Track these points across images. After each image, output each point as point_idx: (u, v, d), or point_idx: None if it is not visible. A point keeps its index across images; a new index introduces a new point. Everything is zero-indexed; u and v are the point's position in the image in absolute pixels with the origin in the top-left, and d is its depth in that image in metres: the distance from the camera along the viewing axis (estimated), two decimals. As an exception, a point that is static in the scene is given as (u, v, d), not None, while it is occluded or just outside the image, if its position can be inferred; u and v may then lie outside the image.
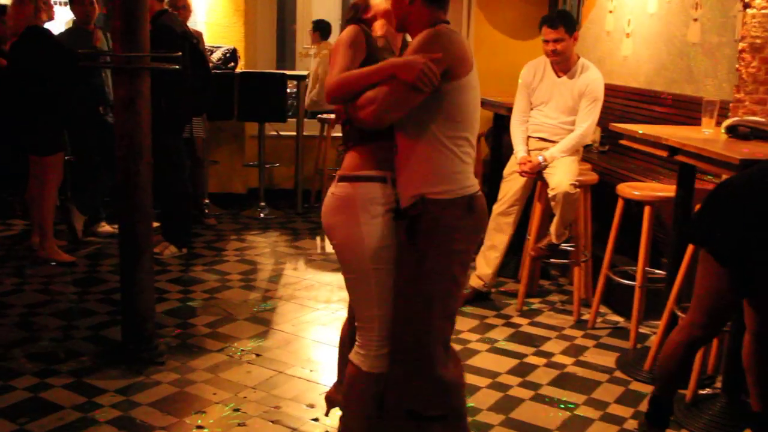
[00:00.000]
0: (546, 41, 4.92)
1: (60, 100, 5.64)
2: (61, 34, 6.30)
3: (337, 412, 3.31)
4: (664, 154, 3.99)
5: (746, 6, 4.83)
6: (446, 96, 2.73)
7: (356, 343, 2.93)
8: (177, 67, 4.39)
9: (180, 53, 4.81)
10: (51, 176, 5.72)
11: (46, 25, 5.69)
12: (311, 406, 3.78)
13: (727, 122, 4.02)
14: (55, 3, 6.05)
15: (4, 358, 4.19)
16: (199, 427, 3.55)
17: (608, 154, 6.16)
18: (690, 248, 4.00)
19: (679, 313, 4.21)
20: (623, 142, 4.36)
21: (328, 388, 3.83)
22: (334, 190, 2.88)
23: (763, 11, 4.71)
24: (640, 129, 4.19)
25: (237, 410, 3.71)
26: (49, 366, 4.10)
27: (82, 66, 5.57)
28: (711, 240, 3.14)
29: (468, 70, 2.76)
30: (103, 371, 4.05)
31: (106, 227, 6.59)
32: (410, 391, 2.82)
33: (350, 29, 2.86)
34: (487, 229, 4.93)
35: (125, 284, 4.21)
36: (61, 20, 7.06)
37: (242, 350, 4.40)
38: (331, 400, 3.56)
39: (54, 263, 5.75)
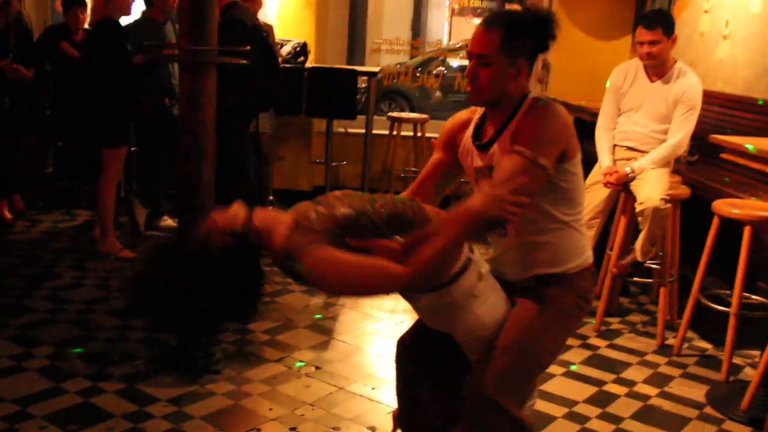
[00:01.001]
0: (641, 43, 4.62)
1: (126, 92, 5.52)
2: (130, 25, 6.19)
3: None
4: (774, 171, 3.68)
5: None
6: (563, 177, 2.50)
7: None
8: (245, 62, 4.21)
9: (249, 47, 4.62)
10: (112, 170, 5.62)
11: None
12: (372, 429, 3.57)
13: None
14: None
15: (58, 358, 4.08)
16: (253, 446, 3.37)
17: (697, 165, 5.81)
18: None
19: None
20: (726, 156, 4.05)
21: (391, 408, 3.65)
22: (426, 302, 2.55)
23: None
24: (748, 143, 3.87)
25: (293, 429, 3.51)
26: (102, 369, 3.98)
27: (147, 59, 5.44)
28: None
29: (578, 147, 2.54)
30: (156, 378, 3.91)
31: (168, 221, 6.47)
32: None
33: None
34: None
35: (183, 288, 4.04)
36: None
37: (302, 362, 4.21)
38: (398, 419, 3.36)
39: (113, 257, 5.65)
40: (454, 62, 11.54)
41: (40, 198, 6.95)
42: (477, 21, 16.16)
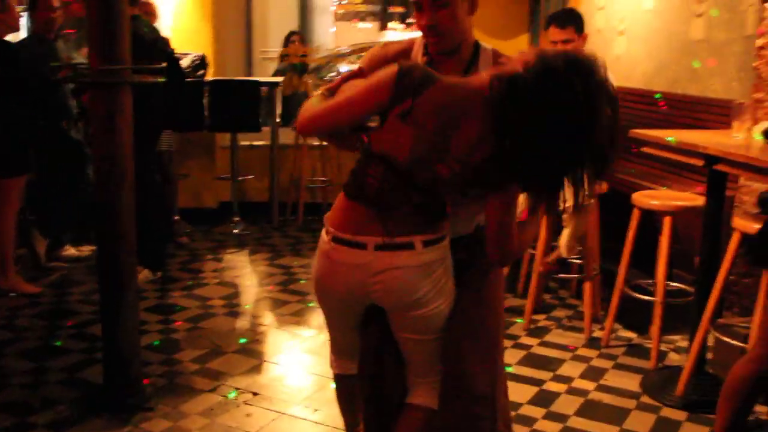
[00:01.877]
0: (554, 42, 4.63)
1: (24, 119, 5.20)
2: (19, 43, 5.84)
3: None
4: (699, 162, 3.73)
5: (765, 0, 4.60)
6: None
7: (420, 391, 2.66)
8: (162, 79, 4.01)
9: (165, 64, 4.42)
10: (11, 200, 5.29)
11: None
12: (323, 453, 3.44)
13: (762, 126, 3.78)
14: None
15: (-31, 412, 3.78)
16: (203, 485, 3.19)
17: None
18: (726, 263, 3.78)
19: (717, 334, 4.01)
20: (647, 149, 4.09)
21: (332, 429, 3.55)
22: (422, 257, 2.39)
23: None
24: (670, 136, 3.92)
25: (242, 463, 3.35)
26: (22, 419, 3.66)
27: (54, 80, 5.15)
28: None
29: None
30: (85, 423, 3.64)
31: (70, 250, 6.19)
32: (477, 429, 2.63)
33: None
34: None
35: (107, 322, 3.81)
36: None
37: (237, 389, 4.03)
38: None
39: (14, 294, 5.30)
40: (344, 67, 11.47)
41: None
42: (361, 25, 16.23)
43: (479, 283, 2.60)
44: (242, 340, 4.69)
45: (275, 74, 7.20)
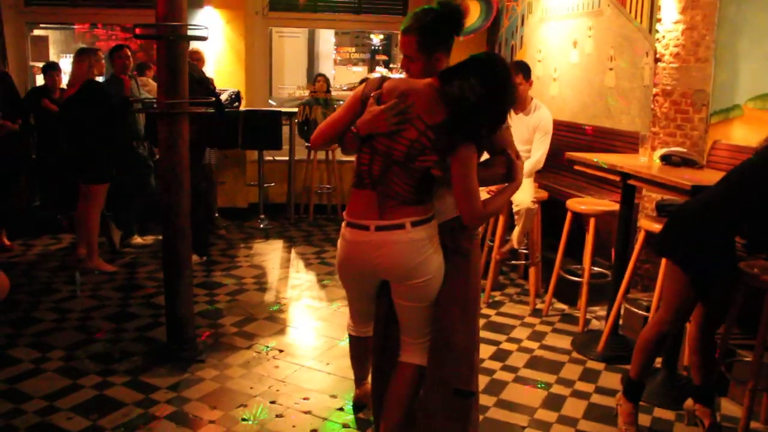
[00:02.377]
0: (507, 85, 4.66)
1: (110, 140, 5.17)
2: (103, 83, 5.82)
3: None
4: (616, 178, 3.77)
5: (657, 60, 4.65)
6: None
7: (410, 350, 2.66)
8: (213, 110, 3.99)
9: (213, 99, 4.39)
10: (98, 201, 5.26)
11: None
12: (334, 396, 3.44)
13: (660, 152, 3.83)
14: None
15: (71, 359, 3.76)
16: (245, 419, 3.18)
17: (544, 174, 5.94)
18: (635, 253, 3.82)
19: (627, 306, 4.04)
20: (578, 167, 4.12)
21: (342, 379, 3.55)
22: (412, 235, 2.43)
23: (671, 65, 4.54)
24: (595, 157, 3.95)
25: (273, 402, 3.35)
26: (108, 366, 3.69)
27: (131, 111, 5.13)
28: (676, 253, 2.92)
29: None
30: (153, 370, 3.66)
31: (138, 239, 6.15)
32: (459, 376, 2.59)
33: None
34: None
35: (169, 295, 3.80)
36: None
37: (267, 347, 4.03)
38: (361, 401, 3.26)
39: (98, 272, 5.28)
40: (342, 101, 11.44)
41: (28, 227, 6.41)
42: (355, 69, 16.18)
43: (462, 263, 2.58)
44: (272, 308, 4.69)
45: (304, 105, 7.14)
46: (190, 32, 3.56)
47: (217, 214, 6.91)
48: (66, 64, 7.74)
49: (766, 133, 4.03)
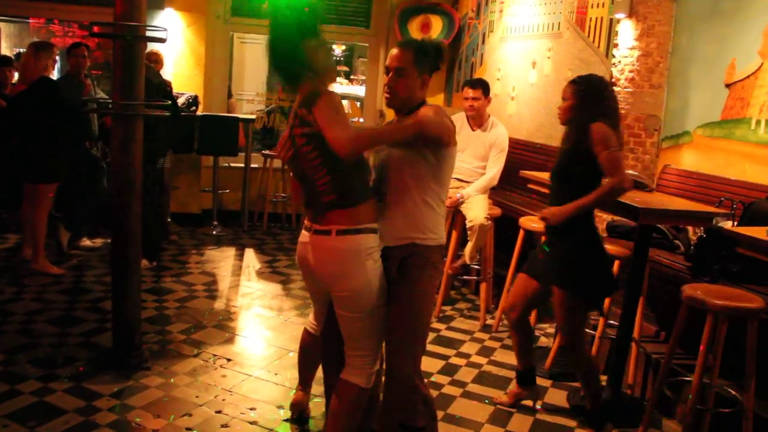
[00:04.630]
0: (466, 98, 4.73)
1: (59, 139, 5.05)
2: (58, 80, 5.70)
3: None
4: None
5: (613, 84, 4.78)
6: (442, 161, 2.49)
7: (351, 366, 2.62)
8: (167, 113, 3.95)
9: (170, 102, 4.35)
10: (45, 201, 5.13)
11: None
12: (280, 407, 3.41)
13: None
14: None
15: (10, 363, 3.65)
16: (188, 428, 3.14)
17: (498, 191, 6.03)
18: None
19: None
20: (531, 186, 4.20)
21: (290, 390, 3.54)
22: (335, 243, 2.47)
23: (626, 90, 4.69)
24: (547, 176, 4.03)
25: (219, 412, 3.31)
26: (50, 371, 3.59)
27: (85, 112, 5.03)
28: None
29: (456, 142, 2.60)
30: (97, 376, 3.57)
31: (86, 242, 6.02)
32: (403, 407, 2.56)
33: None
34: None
35: (116, 300, 3.73)
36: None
37: (215, 355, 3.98)
38: (299, 406, 3.25)
39: (44, 274, 5.14)
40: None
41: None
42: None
43: (410, 291, 2.58)
44: (219, 318, 4.63)
45: (268, 113, 7.11)
46: (148, 33, 3.52)
47: (169, 219, 6.81)
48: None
49: (713, 159, 4.19)
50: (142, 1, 3.43)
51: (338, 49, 16.35)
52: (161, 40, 3.66)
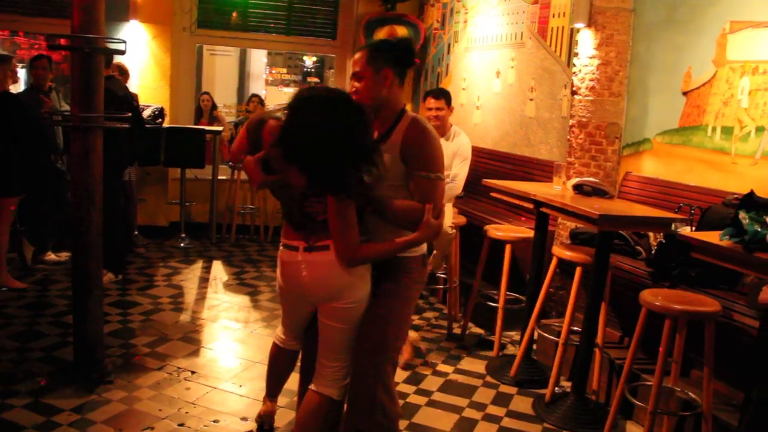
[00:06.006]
0: (429, 108, 4.75)
1: (21, 151, 4.98)
2: (19, 94, 5.62)
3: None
4: (530, 206, 3.88)
5: (574, 93, 4.86)
6: None
7: (323, 378, 2.62)
8: (127, 125, 3.92)
9: (129, 114, 4.31)
10: (5, 214, 5.05)
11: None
12: (245, 419, 3.39)
13: (573, 181, 3.97)
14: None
15: (-33, 381, 3.59)
16: (150, 442, 3.11)
17: (465, 200, 6.07)
18: (547, 279, 3.93)
19: (540, 331, 4.14)
20: (494, 194, 4.23)
21: (255, 401, 3.51)
22: (334, 257, 2.48)
23: (587, 98, 4.75)
24: (510, 184, 4.07)
25: (181, 425, 3.28)
26: (8, 386, 3.52)
27: (42, 124, 4.96)
28: None
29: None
30: (58, 391, 3.51)
31: (51, 256, 5.93)
32: (361, 417, 2.54)
33: None
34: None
35: (77, 314, 3.68)
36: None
37: (179, 368, 3.94)
38: (266, 417, 3.23)
39: (5, 289, 5.05)
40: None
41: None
42: (286, 90, 16.16)
43: (381, 304, 2.57)
44: (187, 330, 4.59)
45: (237, 124, 7.09)
46: (107, 45, 3.50)
47: (136, 232, 6.75)
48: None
49: (672, 166, 4.26)
50: (100, 13, 3.41)
51: (309, 60, 16.40)
52: (120, 52, 3.63)
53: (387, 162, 2.47)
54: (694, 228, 3.68)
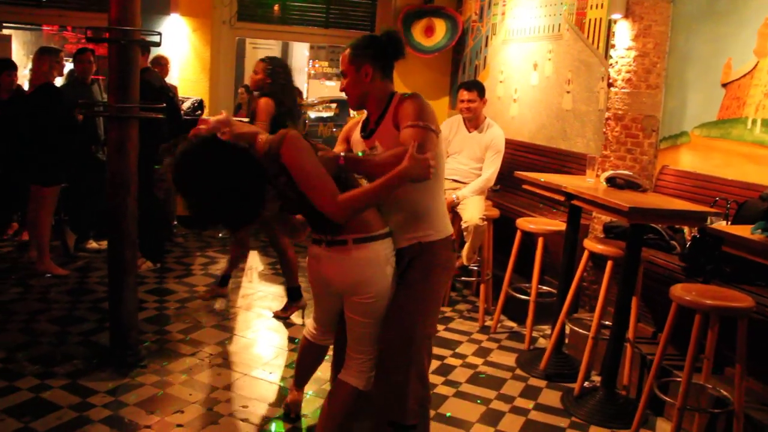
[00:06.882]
0: (462, 100, 4.75)
1: (62, 142, 5.14)
2: (63, 86, 5.80)
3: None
4: (561, 198, 3.85)
5: (610, 85, 4.79)
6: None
7: (349, 368, 2.66)
8: (161, 116, 4.01)
9: (164, 104, 4.41)
10: (48, 204, 5.22)
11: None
12: (273, 405, 3.45)
13: (606, 174, 3.91)
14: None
15: (10, 361, 3.72)
16: (179, 425, 3.18)
17: (500, 193, 6.04)
18: (579, 273, 3.90)
19: (571, 325, 4.11)
20: (526, 186, 4.20)
21: (284, 388, 3.56)
22: (353, 252, 2.48)
23: (623, 90, 4.68)
24: (542, 177, 4.04)
25: (210, 410, 3.35)
26: (48, 368, 3.65)
27: (86, 114, 5.13)
28: None
29: (440, 130, 2.59)
30: (94, 374, 3.63)
31: (93, 244, 6.11)
32: (392, 407, 2.56)
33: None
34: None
35: (113, 299, 3.79)
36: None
37: (211, 354, 4.03)
38: (293, 405, 3.28)
39: (49, 275, 5.22)
40: (313, 114, 11.51)
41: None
42: (328, 83, 16.26)
43: (409, 294, 2.56)
44: (219, 318, 4.67)
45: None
46: (143, 38, 3.59)
47: (175, 222, 6.88)
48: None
49: (710, 160, 4.17)
50: (136, 7, 3.50)
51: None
52: (155, 44, 3.72)
53: (387, 147, 2.48)
54: (729, 222, 3.61)
